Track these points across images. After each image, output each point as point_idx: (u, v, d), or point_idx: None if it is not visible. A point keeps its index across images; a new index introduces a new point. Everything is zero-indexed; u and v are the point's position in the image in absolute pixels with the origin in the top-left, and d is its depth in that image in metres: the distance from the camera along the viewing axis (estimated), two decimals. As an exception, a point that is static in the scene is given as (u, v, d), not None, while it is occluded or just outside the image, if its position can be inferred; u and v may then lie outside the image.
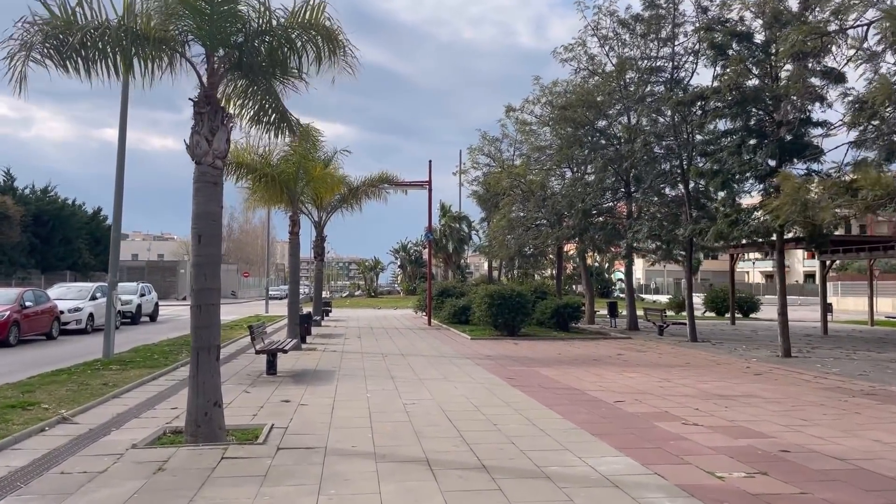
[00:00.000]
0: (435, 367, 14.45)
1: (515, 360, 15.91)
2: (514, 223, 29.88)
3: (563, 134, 25.55)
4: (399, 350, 18.28)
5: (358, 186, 27.35)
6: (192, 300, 7.79)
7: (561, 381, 12.55)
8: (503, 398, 10.54)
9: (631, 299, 26.39)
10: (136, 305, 30.27)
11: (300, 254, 24.43)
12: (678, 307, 39.92)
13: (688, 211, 21.40)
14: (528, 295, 22.97)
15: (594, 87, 26.31)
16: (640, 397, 10.72)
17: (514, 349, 18.70)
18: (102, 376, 12.39)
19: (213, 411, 7.62)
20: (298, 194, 18.62)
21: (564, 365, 15.09)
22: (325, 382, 12.19)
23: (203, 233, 7.75)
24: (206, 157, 7.75)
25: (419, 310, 36.77)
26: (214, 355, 7.78)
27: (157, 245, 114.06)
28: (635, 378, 13.02)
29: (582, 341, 21.56)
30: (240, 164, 17.81)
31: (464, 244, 67.43)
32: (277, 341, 14.66)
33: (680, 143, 21.38)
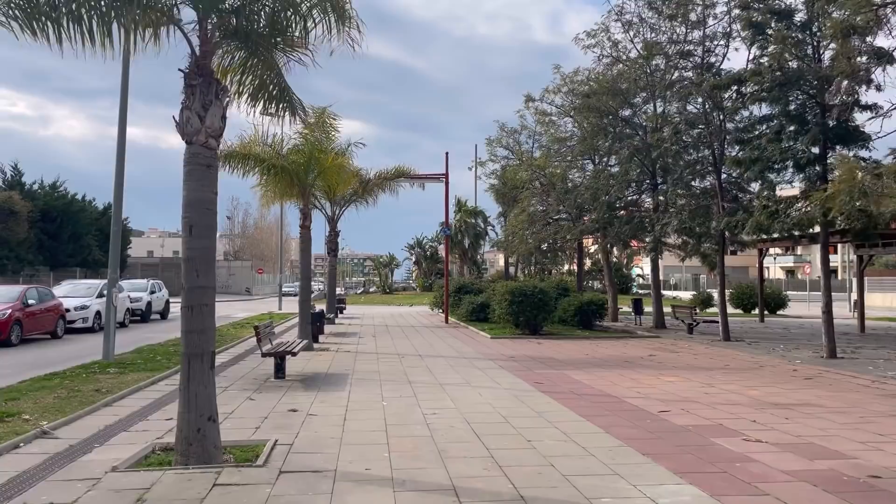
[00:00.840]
0: (456, 370, 13.42)
1: (541, 362, 14.84)
2: (534, 217, 28.77)
3: (586, 123, 24.36)
4: (416, 350, 17.28)
5: (371, 179, 26.41)
6: (183, 300, 6.81)
7: (594, 386, 11.47)
8: (534, 407, 9.49)
9: (657, 296, 25.22)
10: (146, 303, 29.53)
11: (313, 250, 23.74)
12: (702, 304, 38.61)
13: (720, 203, 20.20)
14: (551, 292, 21.88)
15: (618, 74, 25.14)
16: (685, 406, 9.63)
17: (538, 349, 17.64)
18: (97, 381, 11.48)
19: (207, 427, 6.64)
20: (310, 186, 17.64)
21: (595, 367, 14.01)
22: (337, 388, 11.21)
23: (195, 223, 6.76)
24: (197, 136, 6.76)
25: (435, 307, 35.77)
26: (208, 363, 6.80)
27: (173, 242, 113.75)
28: (675, 383, 11.91)
29: (608, 340, 20.43)
30: (247, 155, 16.86)
31: (480, 240, 66.35)
32: (286, 342, 13.70)
33: (711, 130, 20.18)
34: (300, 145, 17.40)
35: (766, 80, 15.57)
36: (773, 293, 39.89)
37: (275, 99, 8.20)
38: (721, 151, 20.23)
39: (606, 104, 23.37)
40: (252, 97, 8.12)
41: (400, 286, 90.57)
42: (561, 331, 22.64)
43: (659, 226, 20.84)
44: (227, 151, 16.71)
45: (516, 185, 33.56)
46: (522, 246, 29.10)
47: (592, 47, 25.87)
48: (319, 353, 16.59)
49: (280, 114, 8.44)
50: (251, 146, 17.03)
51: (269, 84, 8.08)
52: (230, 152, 16.72)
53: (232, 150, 16.76)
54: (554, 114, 30.18)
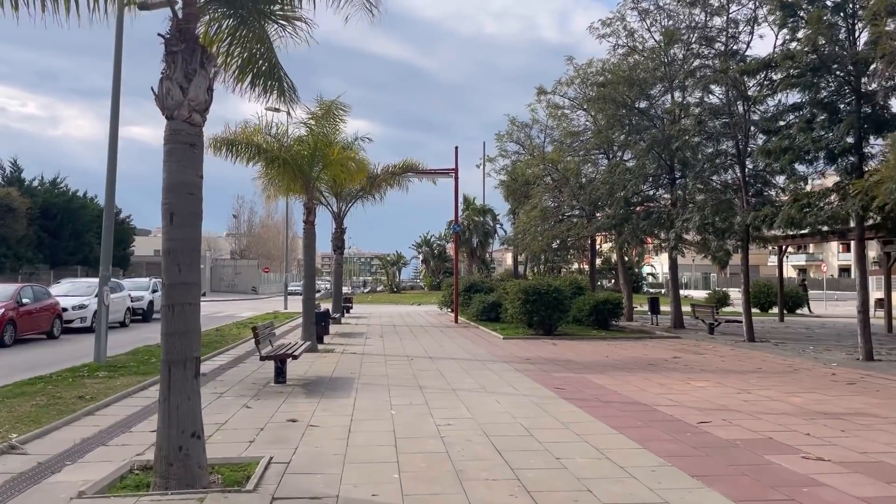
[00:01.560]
0: (469, 374, 12.53)
1: (559, 365, 13.93)
2: (547, 213, 27.83)
3: (601, 115, 23.39)
4: (426, 352, 16.40)
5: (379, 174, 25.53)
6: (163, 298, 5.95)
7: (621, 392, 10.56)
8: (558, 417, 8.58)
9: (676, 295, 24.24)
10: (148, 302, 28.77)
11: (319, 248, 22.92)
12: (718, 303, 37.53)
13: (744, 197, 19.24)
14: (566, 290, 20.95)
15: (634, 65, 24.17)
16: (726, 416, 8.70)
17: (554, 351, 16.73)
18: (83, 385, 10.65)
19: (191, 445, 5.77)
20: (314, 179, 16.76)
21: (617, 371, 13.08)
22: (341, 394, 10.33)
23: (177, 210, 5.88)
24: (179, 110, 5.89)
25: (444, 306, 34.88)
26: (192, 371, 5.92)
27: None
28: (707, 388, 10.98)
29: (627, 341, 19.50)
30: (249, 143, 16.02)
31: (488, 238, 65.40)
32: (288, 344, 12.82)
33: (735, 121, 19.20)
34: (305, 136, 16.54)
35: (800, 64, 14.58)
36: (791, 292, 38.77)
37: (263, 75, 7.37)
38: (745, 143, 19.27)
39: (623, 94, 22.40)
40: (240, 70, 7.28)
41: (407, 285, 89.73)
42: (576, 331, 21.73)
43: (680, 221, 19.86)
44: (230, 137, 15.90)
45: (528, 181, 32.61)
46: (535, 243, 28.14)
47: (608, 36, 24.95)
48: (324, 354, 15.73)
49: (268, 92, 7.60)
50: (254, 135, 16.20)
51: (258, 58, 7.24)
52: (232, 138, 15.90)
53: (235, 135, 15.94)
54: (567, 107, 29.27)
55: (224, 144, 15.85)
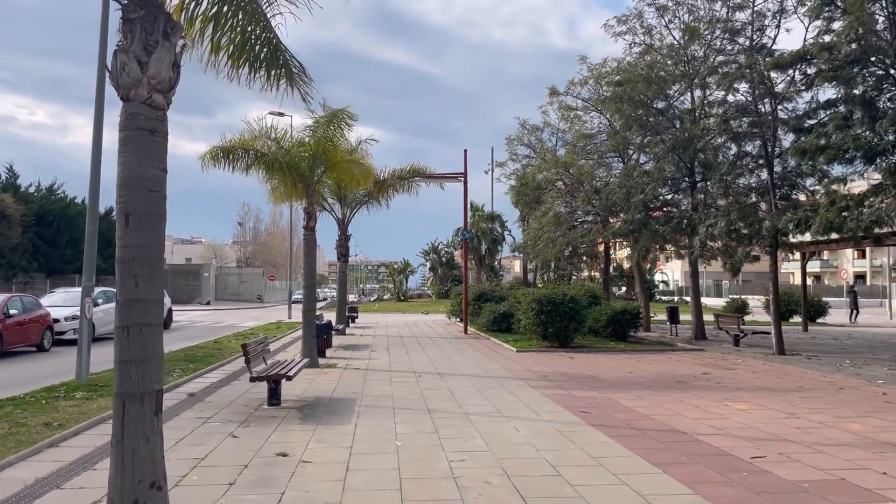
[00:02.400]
0: (482, 394, 11.41)
1: (579, 382, 12.80)
2: (560, 219, 26.72)
3: (617, 115, 22.28)
4: (435, 367, 15.29)
5: (385, 179, 24.52)
6: (117, 317, 4.88)
7: (654, 416, 9.43)
8: (589, 450, 7.46)
9: (697, 304, 23.06)
10: (147, 312, 27.72)
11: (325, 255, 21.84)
12: (736, 311, 36.28)
13: (772, 200, 18.10)
14: (582, 300, 19.82)
15: (651, 63, 23.08)
16: (781, 448, 7.56)
17: (571, 365, 15.60)
18: (55, 409, 9.60)
19: (150, 498, 4.70)
20: (314, 183, 15.72)
21: (644, 390, 11.95)
22: (341, 419, 9.24)
23: (133, 210, 4.84)
24: (137, 90, 4.85)
25: (453, 315, 33.76)
26: (151, 406, 4.85)
27: (185, 249, 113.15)
28: (750, 412, 9.83)
29: (648, 354, 18.34)
30: (247, 149, 15.02)
31: (497, 245, 64.29)
32: (284, 361, 11.73)
33: (762, 119, 18.08)
34: (306, 139, 15.53)
35: (837, 56, 13.47)
36: (814, 300, 37.46)
37: (264, 62, 6.28)
38: (773, 142, 18.14)
39: (641, 93, 21.30)
40: (232, 58, 6.19)
41: (415, 293, 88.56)
42: (592, 343, 20.59)
43: (704, 226, 18.71)
44: (227, 146, 14.92)
45: (539, 186, 31.52)
46: (548, 250, 27.00)
47: (623, 35, 23.89)
48: (325, 370, 14.65)
49: (273, 81, 6.51)
50: (252, 141, 15.22)
51: (254, 41, 6.17)
52: (229, 147, 14.92)
53: (231, 143, 14.95)
54: (580, 108, 28.19)
55: (222, 154, 14.87)
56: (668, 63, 22.51)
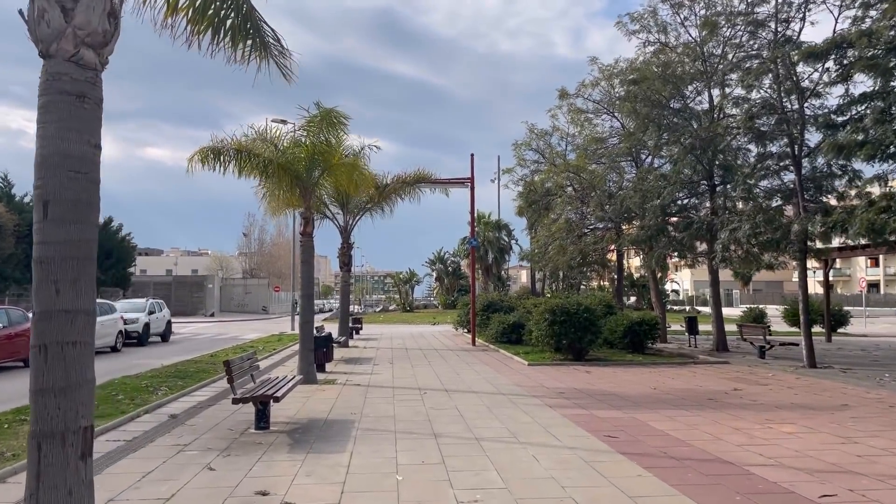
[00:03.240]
0: (494, 414, 10.29)
1: (600, 400, 11.66)
2: (572, 226, 25.61)
3: (632, 116, 21.18)
4: (441, 383, 14.18)
5: (388, 184, 23.54)
6: (33, 334, 3.82)
7: (691, 442, 8.29)
8: (622, 486, 6.34)
9: (718, 313, 21.85)
10: (144, 324, 26.79)
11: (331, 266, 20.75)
12: (754, 321, 35.02)
13: (800, 202, 16.97)
14: (598, 310, 18.69)
15: (667, 63, 22.02)
16: (849, 483, 6.43)
17: (589, 380, 14.46)
18: (15, 435, 8.54)
19: (71, 569, 3.62)
20: (312, 185, 14.69)
21: (673, 409, 10.80)
22: (335, 446, 8.14)
23: (54, 196, 3.80)
24: (60, 43, 3.83)
25: (460, 326, 32.64)
26: (77, 449, 3.78)
27: (191, 261, 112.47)
28: (799, 436, 8.68)
29: (669, 368, 17.18)
30: (240, 150, 13.99)
31: (504, 254, 63.19)
32: (275, 379, 10.61)
33: (788, 116, 16.97)
34: (301, 137, 14.50)
35: (878, 43, 12.37)
36: (833, 309, 36.16)
37: (231, 30, 5.27)
38: (801, 141, 17.03)
39: (658, 92, 20.22)
40: (192, 22, 5.18)
41: (421, 303, 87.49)
42: (609, 355, 19.44)
43: (727, 231, 17.57)
44: (217, 147, 13.89)
45: (548, 192, 30.46)
46: (560, 257, 25.86)
47: (637, 33, 22.89)
48: (322, 387, 13.56)
49: (244, 53, 5.51)
50: (247, 143, 14.20)
51: (218, 4, 5.15)
52: (220, 147, 13.89)
53: (222, 144, 13.93)
54: (591, 111, 27.14)
55: (213, 155, 13.84)
56: (684, 60, 21.45)
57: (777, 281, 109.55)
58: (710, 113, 21.32)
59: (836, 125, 15.02)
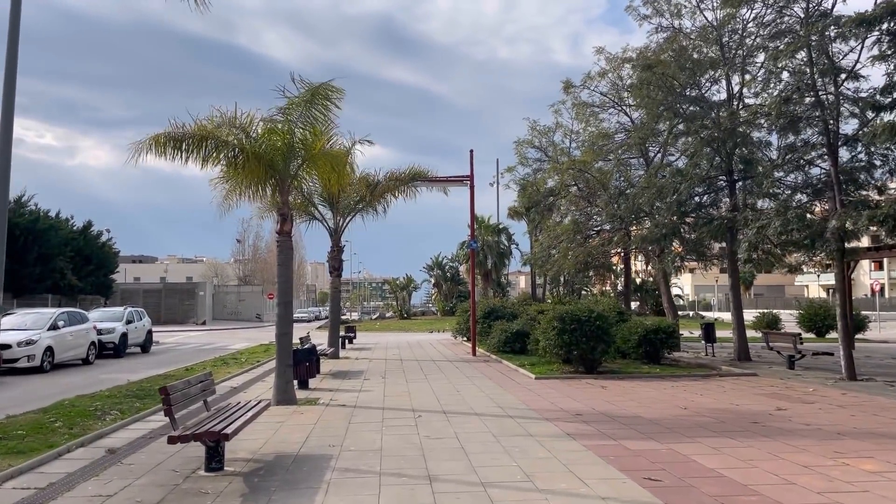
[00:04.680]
0: (503, 447, 8.50)
1: (626, 425, 9.88)
2: (580, 226, 23.85)
3: (645, 103, 19.43)
4: (439, 401, 12.38)
5: (378, 182, 21.79)
6: None
7: (755, 487, 6.50)
8: (690, 569, 4.55)
9: (740, 320, 20.06)
10: (120, 335, 24.98)
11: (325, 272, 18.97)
12: (767, 327, 33.26)
13: (836, 196, 15.22)
14: (611, 317, 16.93)
15: (681, 50, 20.34)
16: None
17: (606, 397, 12.68)
18: None
19: None
20: (290, 178, 12.90)
21: (715, 435, 9.02)
22: (300, 498, 6.35)
23: None
24: None
25: (459, 334, 30.83)
26: None
27: (186, 268, 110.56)
28: (887, 476, 6.90)
29: (692, 381, 15.40)
30: (205, 137, 12.20)
31: (504, 259, 61.38)
32: (234, 405, 8.73)
33: (823, 100, 15.24)
34: (278, 121, 12.70)
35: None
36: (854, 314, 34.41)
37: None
38: (837, 127, 15.32)
39: (674, 77, 18.49)
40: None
41: (418, 310, 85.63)
42: (622, 367, 17.68)
43: (754, 228, 15.82)
44: (177, 133, 12.10)
45: (551, 192, 28.76)
46: (565, 261, 24.08)
47: (649, 18, 21.26)
48: (302, 408, 11.76)
49: None
50: (214, 130, 12.41)
51: None
52: (180, 135, 12.10)
53: (183, 131, 12.14)
54: (597, 104, 25.46)
55: (172, 143, 12.05)
56: (700, 45, 19.76)
57: (779, 285, 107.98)
58: (729, 102, 19.64)
59: (882, 106, 13.32)
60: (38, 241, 32.72)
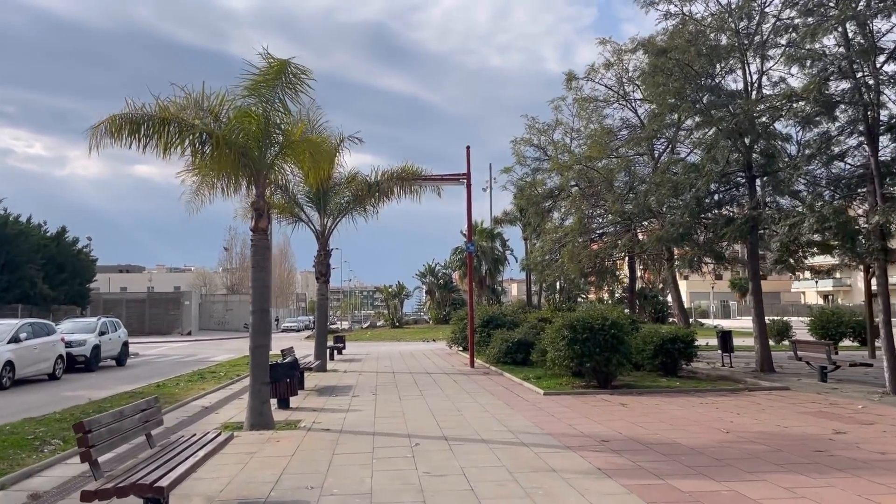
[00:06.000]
0: (523, 489, 6.82)
1: (666, 455, 8.24)
2: (586, 227, 22.25)
3: (660, 90, 17.85)
4: (439, 425, 10.70)
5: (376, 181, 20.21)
6: None
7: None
8: None
9: (762, 328, 18.45)
10: (92, 347, 23.17)
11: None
12: (778, 334, 31.73)
13: (876, 190, 13.70)
14: (626, 324, 15.32)
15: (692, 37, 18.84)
16: None
17: (631, 418, 11.04)
18: None
19: None
20: (267, 168, 11.25)
21: (779, 469, 7.39)
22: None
23: None
24: None
25: (455, 344, 29.16)
26: None
27: (173, 277, 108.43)
28: None
29: (719, 396, 13.79)
30: (166, 120, 10.52)
31: (498, 265, 59.75)
32: (187, 439, 6.98)
33: (861, 83, 13.73)
34: (251, 104, 11.04)
35: None
36: (864, 322, 32.91)
37: None
38: (877, 114, 13.81)
39: (692, 61, 16.94)
40: None
41: (410, 319, 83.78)
42: (637, 380, 16.07)
43: (784, 227, 14.25)
44: (135, 115, 10.42)
45: (551, 193, 27.22)
46: (572, 264, 22.42)
47: (656, 4, 19.71)
48: (279, 434, 10.05)
49: None
50: (178, 112, 10.73)
51: None
52: (139, 116, 10.42)
53: (142, 112, 10.46)
54: (600, 98, 23.93)
55: (131, 126, 10.37)
56: (715, 27, 18.22)
57: (774, 292, 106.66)
58: (746, 92, 18.13)
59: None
60: (6, 247, 30.72)
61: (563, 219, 25.89)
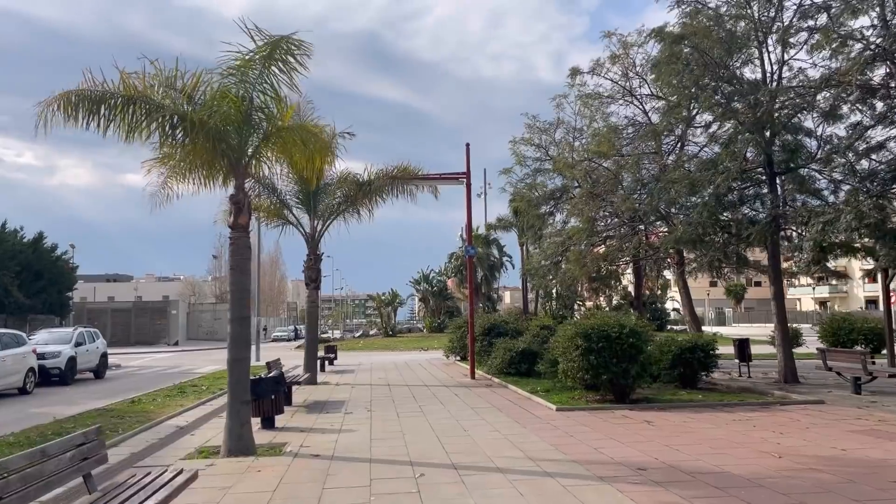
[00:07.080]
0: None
1: (720, 489, 6.93)
2: (595, 228, 20.97)
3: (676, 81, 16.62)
4: (444, 448, 9.34)
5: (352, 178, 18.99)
6: None
7: None
8: None
9: (786, 336, 17.20)
10: (68, 359, 21.72)
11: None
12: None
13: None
14: (645, 332, 14.01)
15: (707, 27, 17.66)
16: None
17: (663, 440, 9.72)
18: None
19: None
20: (247, 157, 9.91)
21: (864, 509, 6.10)
22: None
23: None
24: None
25: (452, 353, 27.79)
26: None
27: (162, 286, 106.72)
28: None
29: (750, 412, 12.51)
30: (132, 99, 9.17)
31: (494, 272, 58.47)
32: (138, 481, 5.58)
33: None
34: (231, 86, 9.71)
35: None
36: (877, 328, 31.75)
37: None
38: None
39: (713, 48, 15.74)
40: None
41: (404, 327, 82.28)
42: (655, 393, 14.78)
43: (818, 224, 13.03)
44: (95, 92, 9.06)
45: (552, 195, 25.95)
46: (578, 268, 21.12)
47: (668, -10, 18.52)
48: (260, 461, 8.67)
49: None
50: (144, 91, 9.40)
51: None
52: (100, 94, 9.07)
53: (103, 88, 9.12)
54: (605, 94, 22.70)
55: (88, 103, 9.02)
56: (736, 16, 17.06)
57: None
58: (765, 83, 16.96)
59: None
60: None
61: (565, 222, 24.64)
